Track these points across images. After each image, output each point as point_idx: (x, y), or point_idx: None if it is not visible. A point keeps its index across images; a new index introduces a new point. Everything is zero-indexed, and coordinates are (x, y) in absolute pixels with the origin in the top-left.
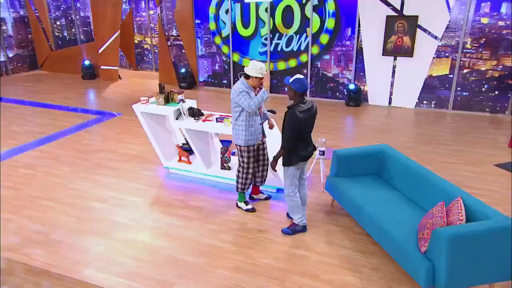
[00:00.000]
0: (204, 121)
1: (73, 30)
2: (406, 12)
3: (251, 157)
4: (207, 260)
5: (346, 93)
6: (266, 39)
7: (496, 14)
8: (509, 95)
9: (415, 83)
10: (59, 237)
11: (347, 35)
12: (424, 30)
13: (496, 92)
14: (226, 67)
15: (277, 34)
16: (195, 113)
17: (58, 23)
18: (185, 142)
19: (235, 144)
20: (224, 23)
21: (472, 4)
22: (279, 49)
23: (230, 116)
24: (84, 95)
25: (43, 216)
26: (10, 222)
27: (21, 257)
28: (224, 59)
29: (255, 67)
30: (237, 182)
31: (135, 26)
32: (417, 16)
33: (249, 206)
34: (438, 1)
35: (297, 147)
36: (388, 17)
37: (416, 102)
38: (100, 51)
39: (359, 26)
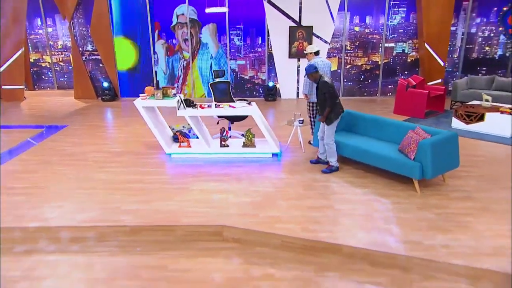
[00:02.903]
0: (202, 108)
1: None
2: (303, 23)
3: None
4: (264, 199)
5: (262, 91)
6: None
7: (363, 24)
8: (377, 82)
9: None
10: (136, 207)
11: (259, 43)
12: (318, 36)
13: (369, 81)
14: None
15: None
16: (190, 103)
17: None
18: (172, 132)
19: None
20: None
21: (347, 17)
22: None
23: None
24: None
25: (95, 199)
26: (62, 207)
27: (115, 222)
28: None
29: None
30: None
31: (29, 44)
32: (312, 26)
33: None
34: (325, 15)
35: (336, 106)
36: (290, 27)
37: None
38: (1, 69)
39: (268, 35)
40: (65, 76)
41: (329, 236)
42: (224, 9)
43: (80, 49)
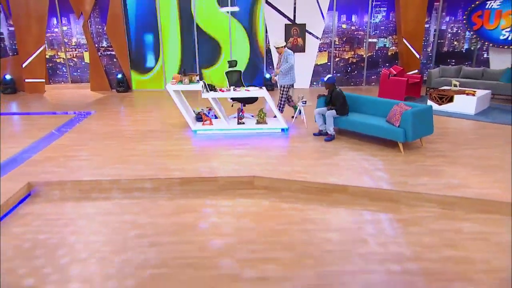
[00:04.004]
0: (222, 91)
1: None
2: (297, 21)
3: None
4: (281, 160)
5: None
6: None
7: (350, 22)
8: (363, 73)
9: (308, 70)
10: (181, 166)
11: None
12: (310, 33)
13: (355, 72)
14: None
15: None
16: (212, 87)
17: None
18: (196, 113)
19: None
20: None
21: (336, 15)
22: None
23: (242, 87)
24: (29, 104)
25: (145, 161)
26: (120, 168)
27: (169, 176)
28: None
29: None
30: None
31: (46, 41)
32: (305, 24)
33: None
34: (316, 14)
35: (345, 109)
36: (286, 25)
37: (310, 83)
38: (24, 65)
39: (266, 32)
40: (78, 70)
41: (336, 181)
42: (236, 9)
43: (96, 45)
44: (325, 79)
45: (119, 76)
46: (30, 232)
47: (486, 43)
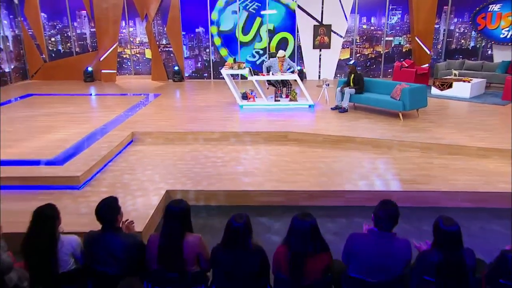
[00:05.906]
0: (263, 75)
1: (68, 44)
2: (324, 22)
3: None
4: (309, 123)
5: None
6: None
7: (369, 23)
8: (380, 67)
9: (332, 64)
10: (237, 126)
11: None
12: (335, 32)
13: (374, 66)
14: (206, 64)
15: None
16: (254, 72)
17: (53, 39)
18: (242, 93)
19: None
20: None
21: (357, 17)
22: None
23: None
24: (108, 89)
25: (210, 123)
26: (194, 126)
27: (230, 130)
28: (205, 58)
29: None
30: None
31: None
32: (330, 25)
33: None
34: (340, 16)
35: (363, 85)
36: (314, 25)
37: (334, 75)
38: (101, 58)
39: (297, 32)
40: (140, 64)
41: (348, 134)
42: (274, 11)
43: (157, 43)
44: (351, 62)
45: (176, 68)
46: (139, 158)
47: (489, 41)
